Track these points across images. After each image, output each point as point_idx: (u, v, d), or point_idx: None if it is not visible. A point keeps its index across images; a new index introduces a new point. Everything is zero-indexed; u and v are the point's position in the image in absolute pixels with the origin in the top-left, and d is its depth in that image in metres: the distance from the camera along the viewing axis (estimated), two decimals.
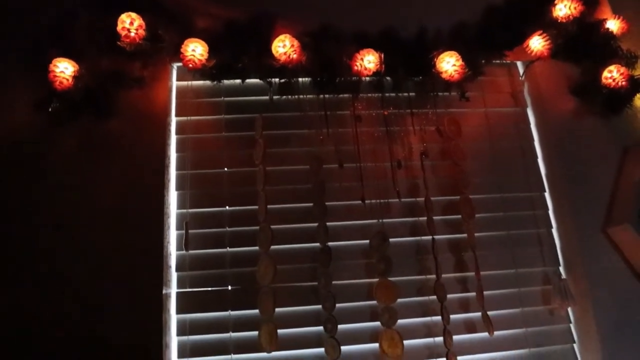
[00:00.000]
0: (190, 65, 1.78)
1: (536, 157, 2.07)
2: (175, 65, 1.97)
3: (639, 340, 1.83)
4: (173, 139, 1.92)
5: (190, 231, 1.79)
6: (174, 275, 1.80)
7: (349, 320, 1.76)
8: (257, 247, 1.76)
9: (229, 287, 1.79)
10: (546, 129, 2.06)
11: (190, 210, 1.84)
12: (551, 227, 1.99)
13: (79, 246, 1.71)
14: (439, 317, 1.76)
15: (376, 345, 1.72)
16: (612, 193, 1.98)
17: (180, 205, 1.85)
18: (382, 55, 1.82)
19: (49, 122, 1.77)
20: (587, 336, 1.86)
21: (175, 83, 1.98)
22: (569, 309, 1.92)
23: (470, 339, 1.82)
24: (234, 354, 1.73)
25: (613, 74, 1.98)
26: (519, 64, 2.16)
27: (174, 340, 1.74)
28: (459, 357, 1.75)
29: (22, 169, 1.76)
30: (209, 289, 1.79)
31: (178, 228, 1.83)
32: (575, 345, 1.90)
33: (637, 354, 1.81)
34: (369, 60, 1.80)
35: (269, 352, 1.67)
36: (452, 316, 1.78)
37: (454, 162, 1.93)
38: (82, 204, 1.74)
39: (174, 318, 1.76)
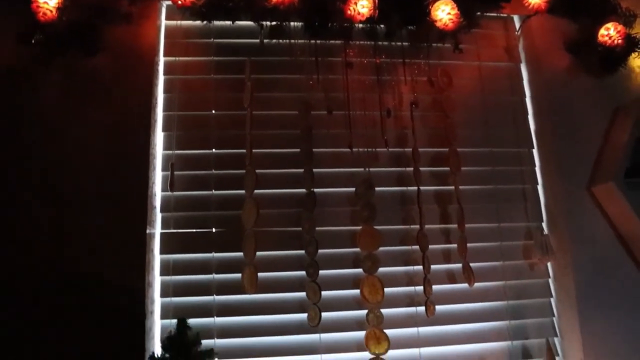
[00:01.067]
0: (180, 2, 1.73)
1: (527, 113, 2.07)
2: (165, 3, 1.92)
3: (614, 298, 1.86)
4: (161, 79, 1.89)
5: (176, 173, 1.77)
6: (158, 216, 1.80)
7: (331, 266, 1.78)
8: (242, 191, 1.75)
9: (213, 230, 1.79)
10: (539, 85, 2.04)
11: (177, 152, 1.82)
12: (537, 183, 2.00)
13: (63, 186, 1.69)
14: (420, 267, 1.78)
15: (357, 291, 1.74)
16: (599, 152, 1.98)
17: (167, 146, 1.84)
18: (376, 0, 1.77)
19: (33, 58, 1.72)
20: (564, 291, 1.89)
21: (164, 22, 1.93)
22: (549, 264, 1.95)
23: (450, 289, 1.85)
24: (216, 295, 1.74)
25: (610, 32, 1.95)
26: (516, 18, 2.13)
27: (157, 280, 1.75)
28: (437, 307, 1.77)
29: (4, 105, 1.72)
30: (194, 230, 1.79)
31: (164, 169, 1.82)
32: (552, 300, 1.94)
33: (610, 311, 1.85)
34: (362, 5, 1.76)
35: (250, 294, 1.68)
36: (433, 266, 1.80)
37: (444, 114, 1.91)
38: (65, 142, 1.72)
39: (157, 258, 1.77)
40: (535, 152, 2.03)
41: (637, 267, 1.90)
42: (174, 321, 1.59)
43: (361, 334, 1.72)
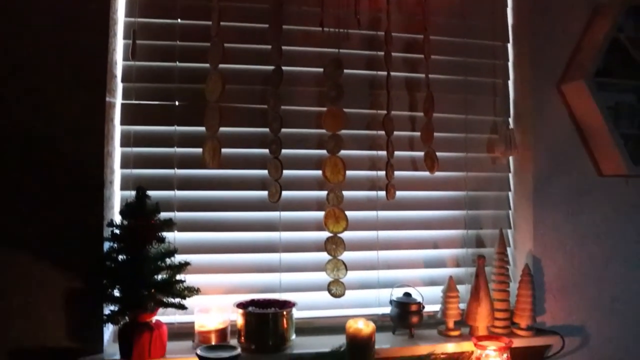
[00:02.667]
0: None
1: (506, 6, 2.01)
2: None
3: (568, 195, 1.93)
4: None
5: (138, 42, 1.69)
6: (119, 86, 1.73)
7: (295, 146, 1.77)
8: (207, 64, 1.68)
9: (176, 103, 1.74)
10: None
11: (139, 20, 1.73)
12: (508, 78, 1.98)
13: (20, 50, 1.58)
14: (384, 152, 1.78)
15: (319, 172, 1.74)
16: (574, 50, 1.96)
17: (129, 13, 1.74)
18: None
19: None
20: (522, 186, 1.94)
21: None
22: (510, 159, 1.97)
23: (411, 176, 1.87)
24: (177, 168, 1.73)
25: None
26: None
27: (117, 151, 1.72)
28: (398, 192, 1.79)
29: None
30: (156, 102, 1.74)
31: (125, 37, 1.73)
32: (510, 194, 1.98)
33: (562, 207, 1.93)
34: None
35: (211, 168, 1.67)
36: (397, 153, 1.80)
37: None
38: (23, 5, 1.59)
39: (117, 129, 1.72)
40: (510, 46, 1.99)
41: (594, 166, 1.94)
42: (134, 193, 1.57)
43: (320, 214, 1.75)
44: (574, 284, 1.92)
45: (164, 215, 1.59)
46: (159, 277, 1.54)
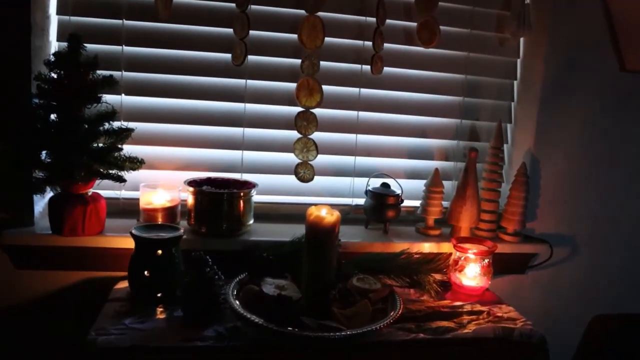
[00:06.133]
0: None
1: None
2: None
3: (582, 93, 1.67)
4: None
5: None
6: None
7: (268, 2, 1.47)
8: None
9: None
10: None
11: None
12: None
13: None
14: (374, 19, 1.49)
15: (294, 35, 1.46)
16: None
17: None
18: None
19: None
20: (531, 75, 1.67)
21: None
22: (521, 41, 1.69)
23: (404, 50, 1.59)
24: (126, 19, 1.44)
25: None
26: None
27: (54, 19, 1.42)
28: (386, 68, 1.55)
29: None
30: None
31: None
32: (515, 82, 1.72)
33: (573, 105, 1.67)
34: None
35: (163, 19, 1.38)
36: (389, 20, 1.52)
37: None
38: None
39: None
40: None
41: (618, 62, 1.67)
42: None
43: (293, 85, 1.49)
44: (572, 190, 1.72)
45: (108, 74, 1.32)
46: (98, 144, 1.31)
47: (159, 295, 1.22)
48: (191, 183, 1.43)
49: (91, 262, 1.39)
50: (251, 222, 1.46)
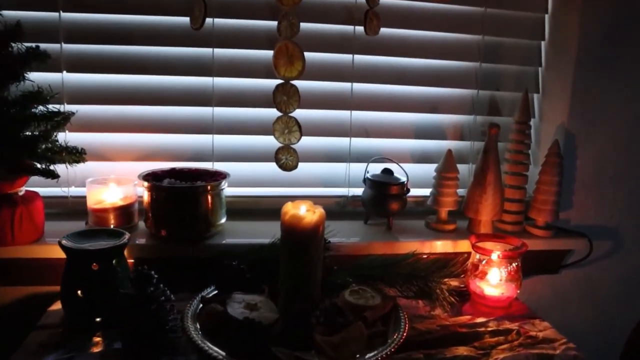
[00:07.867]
0: None
1: None
2: None
3: (629, 53, 1.37)
4: None
5: None
6: None
7: None
8: None
9: None
10: None
11: None
12: None
13: None
14: None
15: None
16: None
17: None
18: None
19: None
20: (564, 34, 1.38)
21: None
22: None
23: (406, 5, 1.30)
24: None
25: None
26: None
27: None
28: (384, 29, 1.26)
29: None
30: None
31: None
32: (543, 44, 1.43)
33: (617, 67, 1.37)
34: None
35: None
36: None
37: None
38: None
39: None
40: None
41: None
42: None
43: (269, 53, 1.21)
44: (616, 174, 1.43)
45: (50, 47, 1.09)
46: (28, 133, 1.06)
47: (97, 320, 0.96)
48: (147, 176, 1.17)
49: (26, 275, 1.14)
50: (223, 220, 1.20)
